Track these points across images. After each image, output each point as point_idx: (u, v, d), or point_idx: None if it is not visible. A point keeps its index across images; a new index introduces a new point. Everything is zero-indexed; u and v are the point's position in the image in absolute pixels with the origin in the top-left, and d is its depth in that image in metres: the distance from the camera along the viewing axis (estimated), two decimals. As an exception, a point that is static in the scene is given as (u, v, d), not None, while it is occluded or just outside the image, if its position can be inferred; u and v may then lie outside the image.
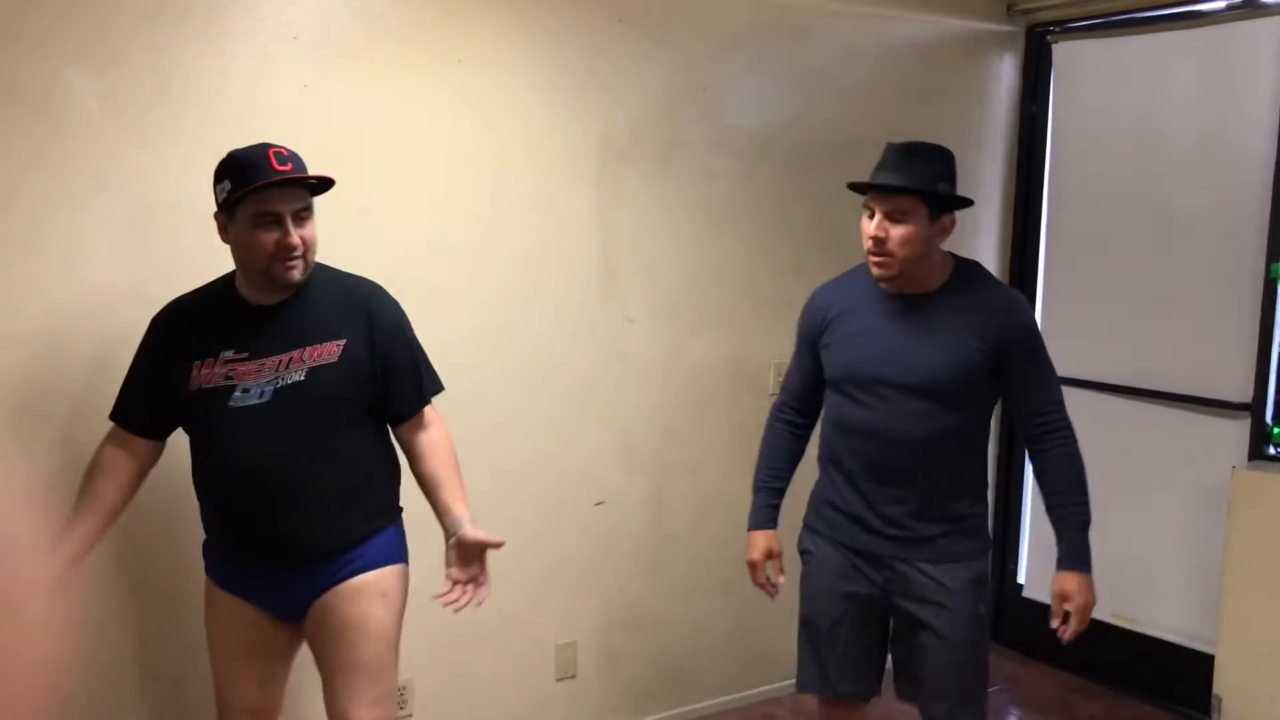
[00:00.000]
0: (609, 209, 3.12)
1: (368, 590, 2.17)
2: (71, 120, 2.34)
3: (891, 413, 2.27)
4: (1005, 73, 3.94)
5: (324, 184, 2.13)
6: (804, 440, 2.55)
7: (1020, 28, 3.92)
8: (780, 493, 2.54)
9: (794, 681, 2.57)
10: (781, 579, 2.49)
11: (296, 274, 2.08)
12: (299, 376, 2.09)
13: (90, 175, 2.37)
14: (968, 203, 2.32)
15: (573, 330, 3.10)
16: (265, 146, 2.06)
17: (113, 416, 2.19)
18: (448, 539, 2.21)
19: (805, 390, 2.50)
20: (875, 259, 2.24)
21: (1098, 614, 3.68)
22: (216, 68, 2.49)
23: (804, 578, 2.47)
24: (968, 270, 2.35)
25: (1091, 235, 3.79)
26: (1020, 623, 4.03)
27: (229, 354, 2.10)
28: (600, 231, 3.12)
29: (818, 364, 2.43)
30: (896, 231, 2.20)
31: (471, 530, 2.17)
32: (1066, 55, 3.86)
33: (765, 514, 2.50)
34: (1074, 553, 2.28)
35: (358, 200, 2.64)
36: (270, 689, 2.27)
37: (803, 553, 2.49)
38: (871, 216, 2.25)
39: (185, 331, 2.14)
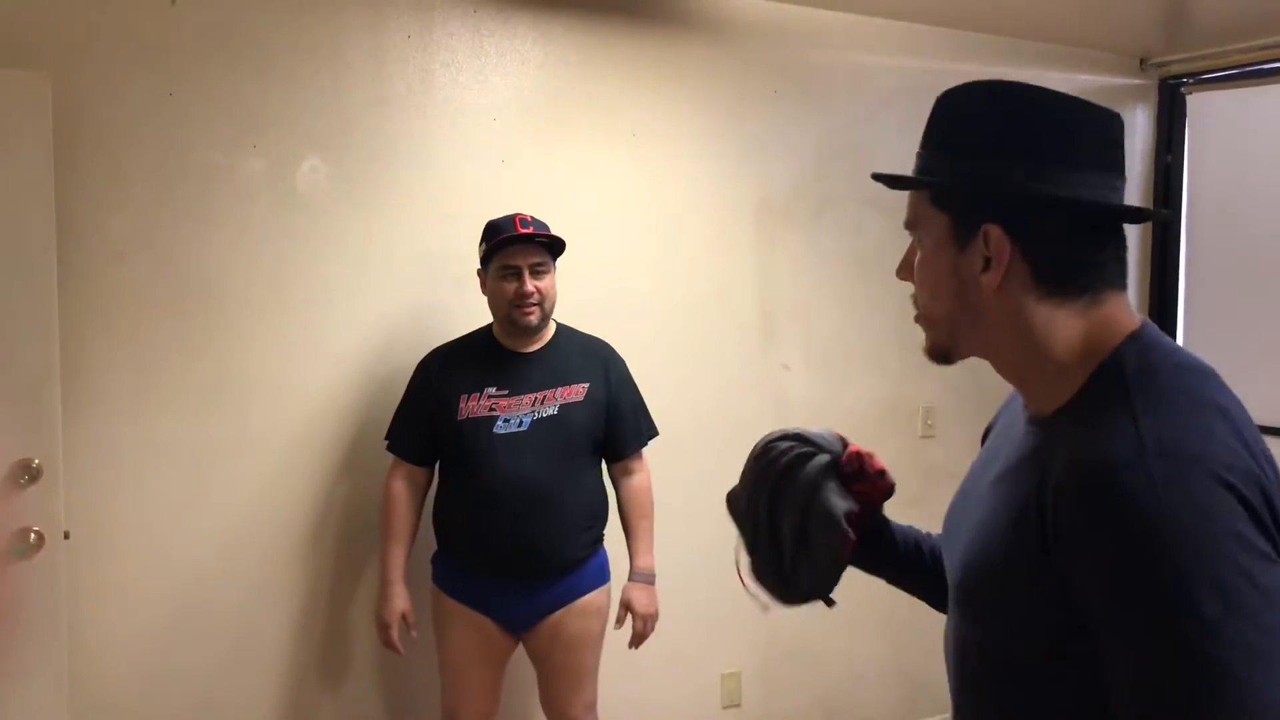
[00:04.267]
0: (766, 265, 3.37)
1: (590, 609, 2.51)
2: (310, 197, 2.70)
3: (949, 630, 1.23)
4: (1139, 125, 4.08)
5: (557, 244, 2.47)
6: None
7: (1153, 80, 4.06)
8: None
9: (949, 716, 2.66)
10: None
11: (533, 319, 2.43)
12: (552, 411, 2.45)
13: (328, 243, 2.72)
14: (1073, 205, 1.06)
15: (735, 377, 3.34)
16: (515, 214, 2.44)
17: (391, 448, 2.56)
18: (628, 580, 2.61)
19: None
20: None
21: None
22: (427, 148, 2.84)
23: None
24: (1116, 377, 1.04)
25: (1232, 280, 3.87)
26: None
27: (492, 390, 2.45)
28: (759, 286, 3.36)
29: None
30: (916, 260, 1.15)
31: (630, 590, 2.58)
32: (1201, 106, 3.99)
33: None
34: None
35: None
36: (494, 693, 2.57)
37: None
38: None
39: (453, 369, 2.51)
